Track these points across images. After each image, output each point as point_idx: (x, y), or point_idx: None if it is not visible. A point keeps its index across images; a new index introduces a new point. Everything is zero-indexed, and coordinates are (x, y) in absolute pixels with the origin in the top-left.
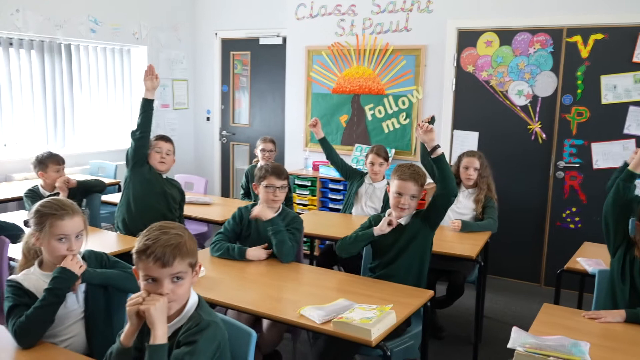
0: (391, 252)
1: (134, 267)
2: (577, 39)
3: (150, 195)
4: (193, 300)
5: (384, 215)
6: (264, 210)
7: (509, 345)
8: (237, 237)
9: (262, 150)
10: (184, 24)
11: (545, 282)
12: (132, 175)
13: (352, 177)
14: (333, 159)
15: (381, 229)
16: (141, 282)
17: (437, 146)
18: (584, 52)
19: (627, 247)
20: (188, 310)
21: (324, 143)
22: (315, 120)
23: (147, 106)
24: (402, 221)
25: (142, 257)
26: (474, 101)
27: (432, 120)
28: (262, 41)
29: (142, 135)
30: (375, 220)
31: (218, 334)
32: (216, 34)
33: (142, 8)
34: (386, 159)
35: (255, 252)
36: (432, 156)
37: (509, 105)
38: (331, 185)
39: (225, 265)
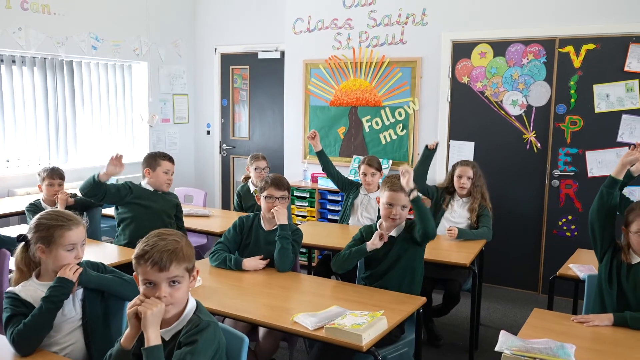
0: (383, 265)
1: (134, 273)
2: (570, 49)
3: (142, 218)
4: (192, 305)
5: (375, 226)
6: (280, 214)
7: (497, 349)
8: (237, 247)
9: (257, 168)
10: (184, 39)
11: (542, 290)
12: (120, 208)
13: (348, 188)
14: (329, 170)
15: (373, 243)
16: (140, 287)
17: (413, 189)
18: (577, 62)
19: (613, 252)
20: (187, 313)
21: (321, 155)
22: (313, 132)
23: (97, 186)
24: (394, 233)
25: (140, 261)
26: (470, 112)
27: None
28: (260, 55)
29: (88, 197)
30: (365, 231)
31: (217, 335)
32: (216, 49)
33: (142, 24)
34: (378, 169)
35: (252, 262)
36: (410, 199)
37: (503, 115)
38: (329, 197)
39: (222, 274)
